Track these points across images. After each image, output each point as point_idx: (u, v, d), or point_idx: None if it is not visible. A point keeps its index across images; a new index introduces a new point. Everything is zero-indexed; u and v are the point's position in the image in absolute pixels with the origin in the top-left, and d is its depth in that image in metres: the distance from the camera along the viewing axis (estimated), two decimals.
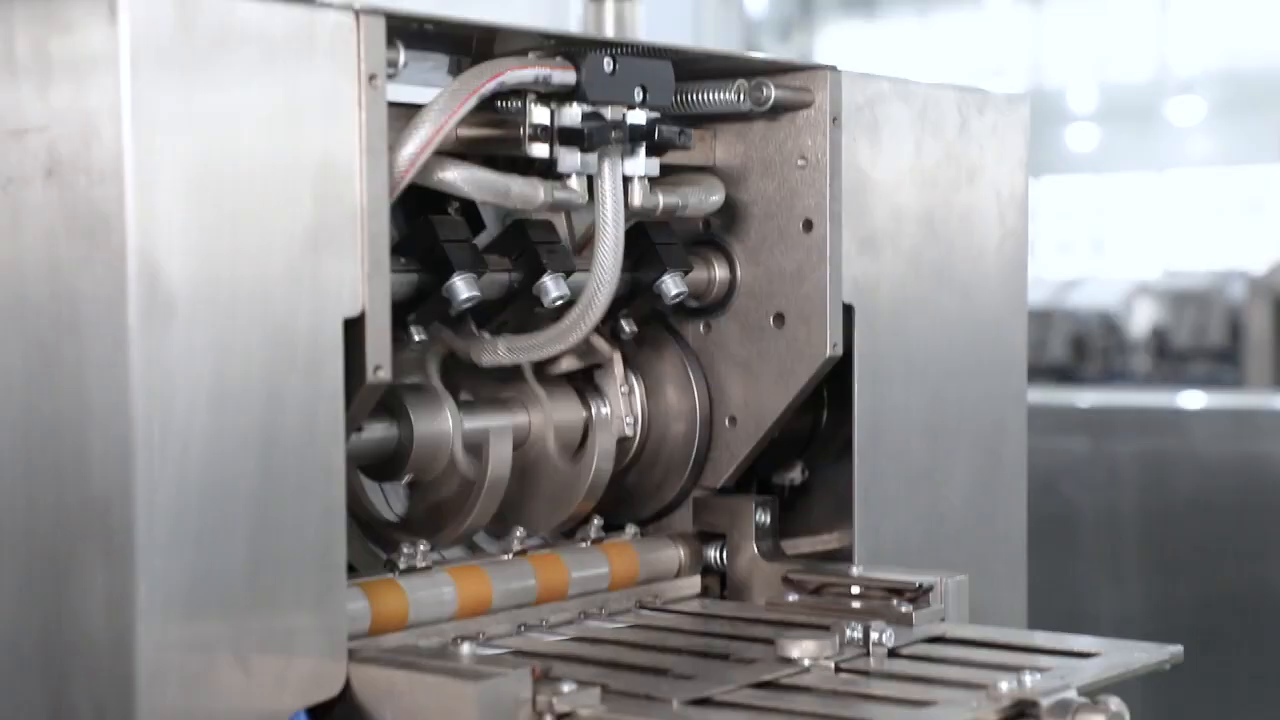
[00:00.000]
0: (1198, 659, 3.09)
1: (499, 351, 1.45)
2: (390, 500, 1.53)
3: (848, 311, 1.56)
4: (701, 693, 1.22)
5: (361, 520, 1.50)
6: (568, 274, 1.43)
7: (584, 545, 1.55)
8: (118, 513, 1.03)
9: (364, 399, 1.18)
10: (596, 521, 1.56)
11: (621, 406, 1.59)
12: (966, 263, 1.70)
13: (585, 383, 1.59)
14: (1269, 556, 3.54)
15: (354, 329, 1.16)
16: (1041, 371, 8.57)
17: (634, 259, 1.50)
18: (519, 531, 1.50)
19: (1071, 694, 1.17)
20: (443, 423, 1.45)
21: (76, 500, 1.05)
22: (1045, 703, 1.15)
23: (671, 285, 1.52)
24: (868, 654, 1.35)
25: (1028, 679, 1.19)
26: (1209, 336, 9.73)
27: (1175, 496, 3.68)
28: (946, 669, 1.32)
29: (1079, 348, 10.10)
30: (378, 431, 1.41)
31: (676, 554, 1.61)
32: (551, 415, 1.54)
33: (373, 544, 1.49)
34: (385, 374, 1.17)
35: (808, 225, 1.55)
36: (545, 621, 1.48)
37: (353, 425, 1.19)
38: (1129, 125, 15.80)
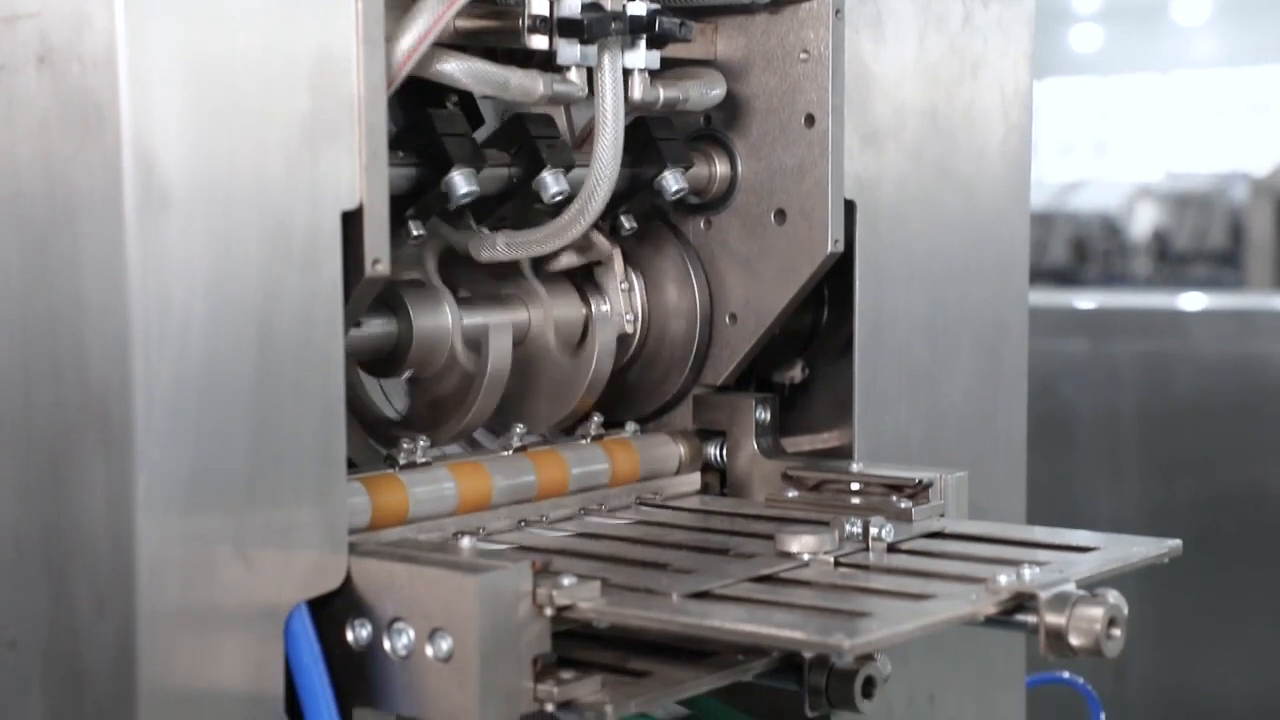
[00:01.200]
0: (1196, 559, 3.11)
1: (498, 247, 1.44)
2: (390, 398, 1.53)
3: (849, 208, 1.55)
4: (701, 586, 1.23)
5: (362, 417, 1.49)
6: (567, 169, 1.42)
7: (584, 442, 1.55)
8: (116, 407, 1.03)
9: (362, 293, 1.17)
10: (596, 419, 1.56)
11: (621, 303, 1.59)
12: (969, 159, 1.69)
13: (585, 280, 1.58)
14: (1268, 457, 3.55)
15: (352, 222, 1.15)
16: (1042, 274, 8.56)
17: (634, 154, 1.48)
18: (519, 428, 1.50)
19: (1070, 587, 1.17)
20: (442, 318, 1.44)
21: (75, 395, 1.05)
22: (1043, 596, 1.16)
23: (672, 181, 1.51)
24: (867, 549, 1.36)
25: (1026, 572, 1.19)
26: (1210, 239, 9.71)
27: (1174, 398, 3.69)
28: (945, 563, 1.32)
29: (1079, 251, 10.08)
30: (377, 327, 1.40)
31: (676, 451, 1.61)
32: (551, 312, 1.54)
33: (373, 440, 1.49)
34: (384, 268, 1.16)
35: (809, 120, 1.53)
36: (545, 517, 1.48)
37: (351, 320, 1.18)
38: (1133, 26, 15.66)
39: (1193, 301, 4.05)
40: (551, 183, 1.40)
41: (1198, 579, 3.44)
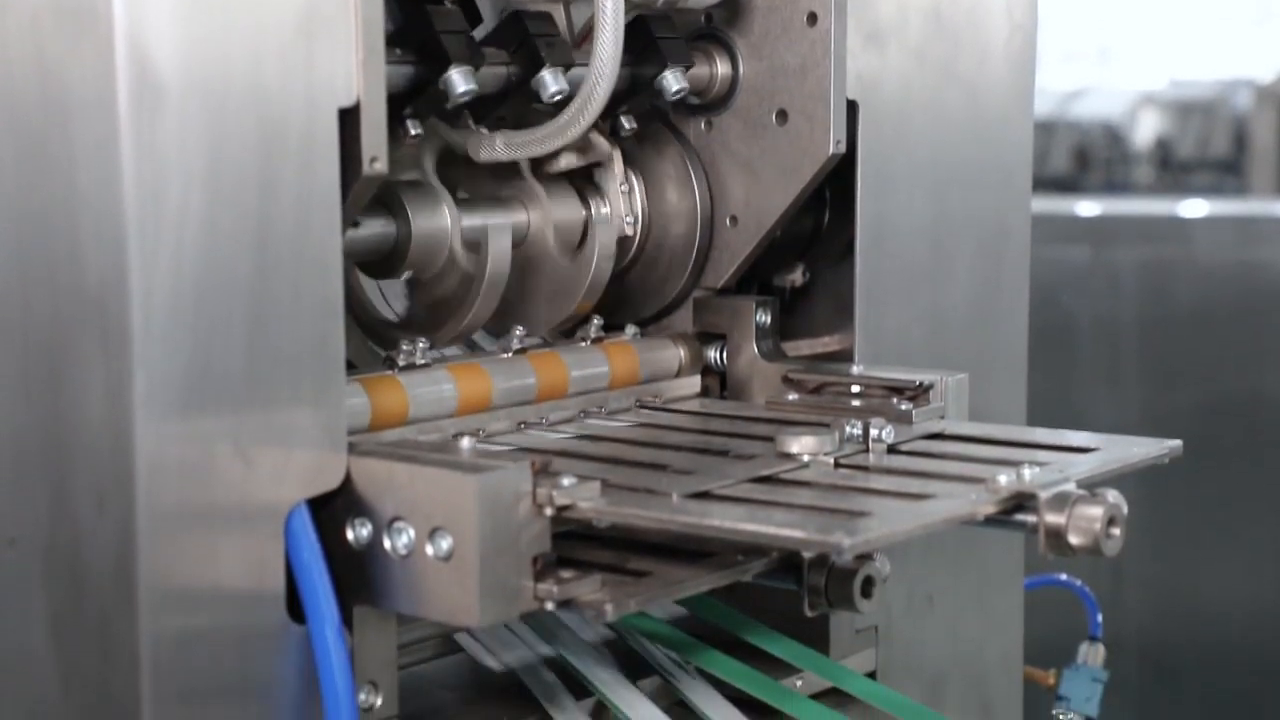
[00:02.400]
0: (1194, 465, 3.12)
1: (497, 147, 1.43)
2: (390, 302, 1.52)
3: (851, 108, 1.54)
4: (701, 487, 1.23)
5: (360, 319, 1.49)
6: (566, 68, 1.40)
7: (584, 345, 1.55)
8: (113, 305, 1.02)
9: (360, 192, 1.16)
10: (596, 321, 1.56)
11: (621, 205, 1.58)
12: (973, 59, 1.67)
13: (585, 181, 1.57)
14: (1268, 363, 3.55)
15: (349, 119, 1.13)
16: (1043, 183, 8.52)
17: (634, 54, 1.47)
18: (518, 330, 1.49)
19: (1070, 487, 1.17)
20: (441, 219, 1.43)
21: (71, 294, 1.04)
22: (1043, 495, 1.16)
23: (672, 81, 1.49)
24: (867, 450, 1.36)
25: (1026, 472, 1.19)
26: (1213, 146, 9.66)
27: (1175, 305, 3.68)
28: (945, 464, 1.32)
29: (1081, 159, 10.03)
30: (375, 228, 1.40)
31: (676, 354, 1.60)
32: (551, 213, 1.53)
33: (372, 342, 1.49)
34: (381, 166, 1.15)
35: (811, 19, 1.51)
36: (545, 419, 1.48)
37: (349, 219, 1.17)
38: None
39: (1194, 208, 4.03)
40: (550, 81, 1.39)
41: (1196, 485, 3.45)
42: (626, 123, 1.53)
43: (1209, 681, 3.48)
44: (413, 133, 1.35)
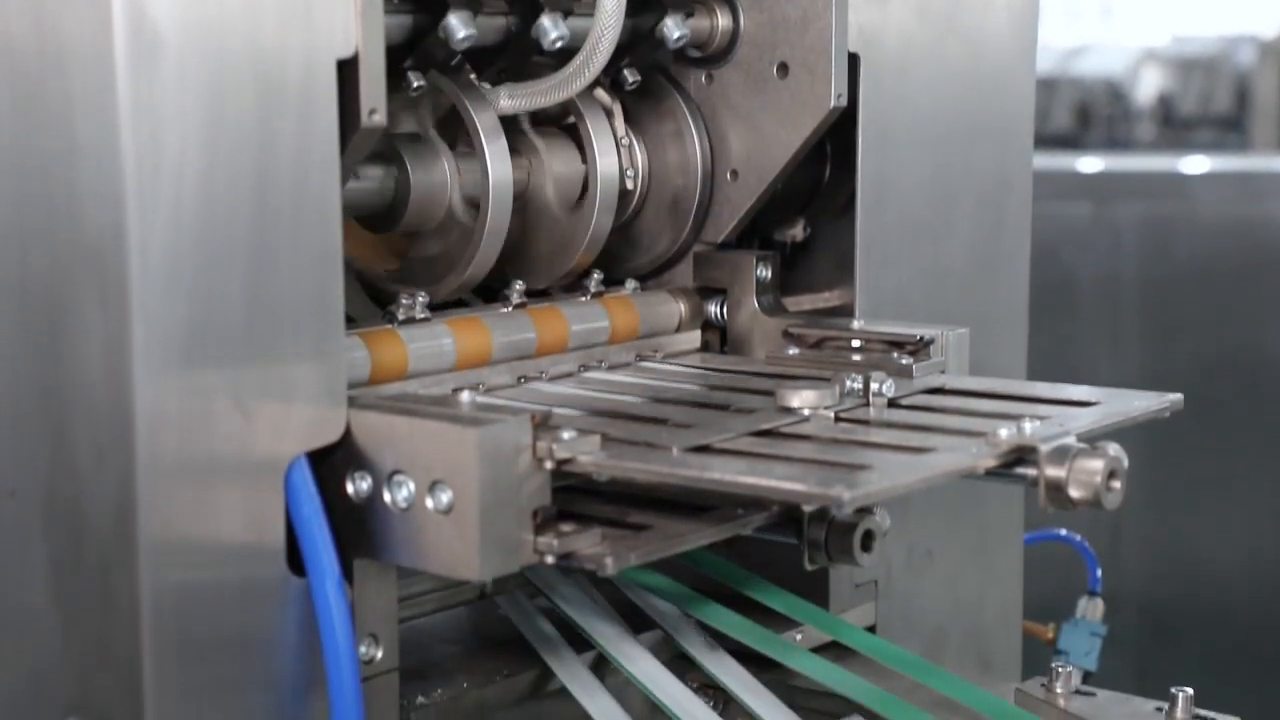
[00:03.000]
0: (1194, 422, 3.12)
1: (501, 100, 1.42)
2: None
3: (853, 61, 1.53)
4: (701, 440, 1.23)
5: (359, 273, 1.49)
6: (566, 14, 1.39)
7: (584, 299, 1.54)
8: (111, 257, 1.02)
9: (359, 144, 1.15)
10: (596, 275, 1.55)
11: (622, 159, 1.57)
12: (975, 13, 1.66)
13: (584, 134, 1.56)
14: (1269, 320, 3.55)
15: (348, 71, 1.13)
16: (1045, 140, 8.49)
17: (633, 5, 1.46)
18: (518, 285, 1.49)
19: (1070, 440, 1.17)
20: (440, 172, 1.43)
21: (69, 245, 1.04)
22: (1044, 449, 1.16)
23: (673, 28, 1.48)
24: (867, 404, 1.35)
25: (1027, 426, 1.19)
26: (1215, 103, 9.63)
27: (1176, 261, 3.68)
28: (946, 418, 1.32)
29: (1083, 116, 10.00)
30: (374, 181, 1.39)
31: (677, 308, 1.60)
32: (550, 167, 1.52)
33: (371, 297, 1.48)
34: (380, 118, 1.15)
35: None
36: (545, 374, 1.48)
37: (348, 171, 1.17)
38: None
39: (1196, 165, 4.02)
40: (550, 27, 1.38)
41: (1195, 442, 3.46)
42: (629, 75, 1.52)
43: (1207, 637, 3.49)
44: (415, 84, 1.34)
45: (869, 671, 1.43)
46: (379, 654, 1.18)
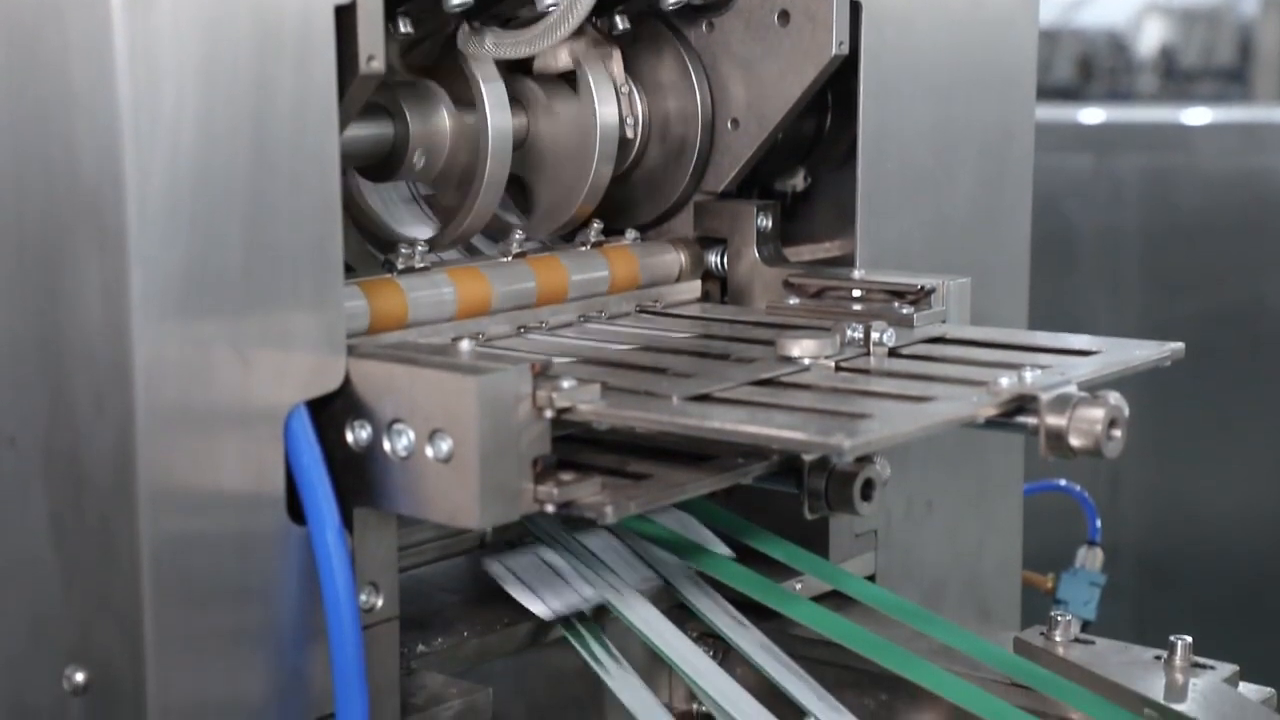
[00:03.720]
0: (1194, 374, 3.11)
1: (485, 45, 1.41)
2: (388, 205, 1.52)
3: (854, 9, 1.52)
4: (701, 389, 1.22)
5: (358, 222, 1.48)
6: None
7: (584, 249, 1.54)
8: (109, 203, 1.01)
9: (357, 91, 1.15)
10: (596, 225, 1.55)
11: (622, 107, 1.56)
12: None
13: (584, 83, 1.55)
14: (1270, 272, 3.54)
15: (345, 18, 1.12)
16: (1047, 91, 8.45)
17: None
18: (518, 234, 1.49)
19: (1071, 389, 1.16)
20: (439, 121, 1.42)
21: (67, 191, 1.03)
22: (1045, 397, 1.15)
23: None
24: (868, 353, 1.35)
25: (1028, 375, 1.19)
26: (1217, 54, 9.58)
27: (1178, 213, 3.66)
28: (947, 367, 1.31)
29: (1085, 68, 9.95)
30: (373, 129, 1.38)
31: (677, 258, 1.60)
32: (550, 115, 1.51)
33: (370, 246, 1.48)
34: (378, 64, 1.14)
35: None
36: (545, 324, 1.48)
37: (346, 120, 1.16)
38: None
39: (1198, 116, 4.00)
40: None
41: (1195, 393, 3.46)
42: (620, 22, 1.51)
43: (1206, 587, 3.50)
44: (402, 30, 1.33)
45: (869, 620, 1.44)
46: (379, 602, 1.18)
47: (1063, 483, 2.19)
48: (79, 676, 1.08)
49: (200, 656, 1.08)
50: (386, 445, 1.13)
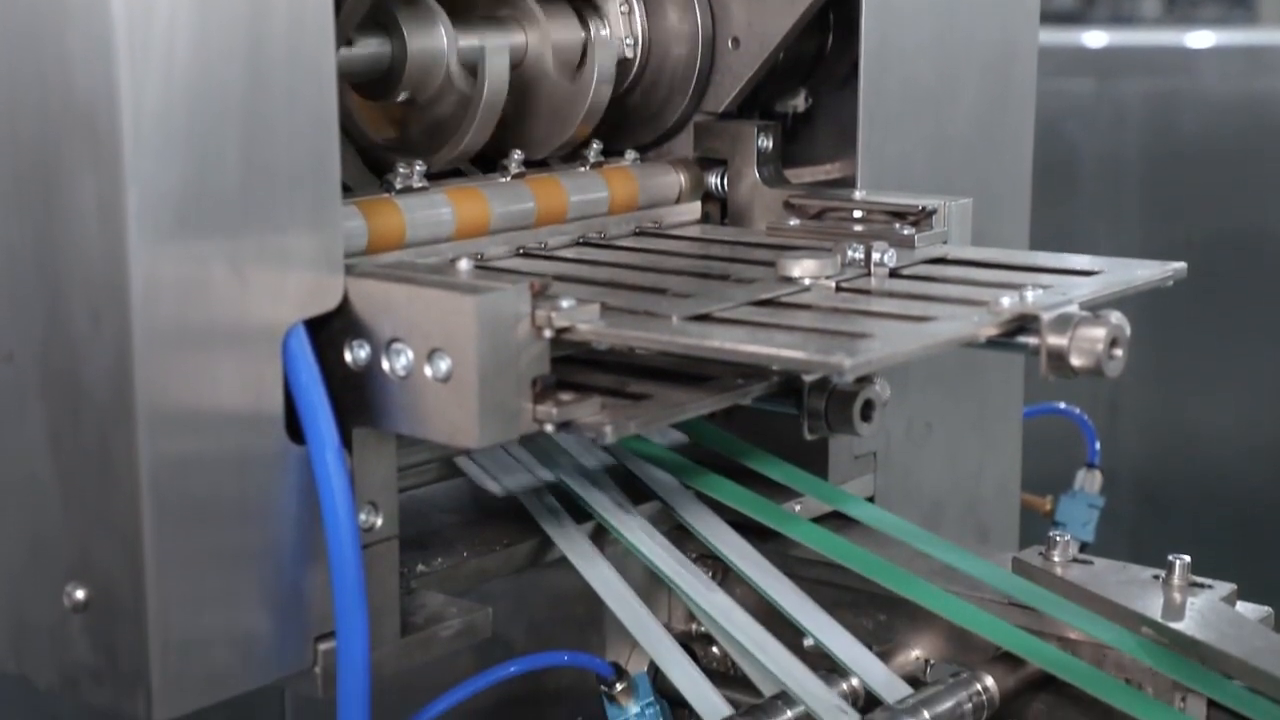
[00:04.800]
0: (1195, 301, 3.10)
1: None
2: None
3: None
4: (701, 309, 1.22)
5: (356, 142, 1.47)
6: None
7: (583, 170, 1.53)
8: (103, 117, 1.00)
9: (353, 7, 1.13)
10: (595, 146, 1.54)
11: (621, 26, 1.55)
12: None
13: (584, 2, 1.54)
14: (1273, 197, 3.53)
15: None
16: (1050, 15, 8.37)
17: None
18: (516, 154, 1.48)
19: (1073, 309, 1.16)
20: (437, 39, 1.41)
21: (61, 106, 1.02)
22: (1046, 317, 1.15)
23: None
24: (868, 274, 1.35)
25: (1029, 294, 1.18)
26: None
27: (1181, 138, 3.64)
28: (948, 287, 1.31)
29: None
30: (370, 47, 1.37)
31: (677, 179, 1.59)
32: (549, 34, 1.50)
33: (368, 165, 1.47)
34: None
35: None
36: (544, 244, 1.47)
37: (343, 36, 1.15)
38: None
39: (1201, 39, 3.97)
40: None
41: (1195, 320, 3.45)
42: None
43: (1203, 513, 3.51)
44: None
45: (868, 541, 1.44)
46: (379, 522, 1.18)
47: (1062, 406, 2.19)
48: (79, 594, 1.08)
49: (200, 574, 1.08)
50: (385, 365, 1.12)
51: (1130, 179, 3.70)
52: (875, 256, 1.35)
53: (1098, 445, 2.11)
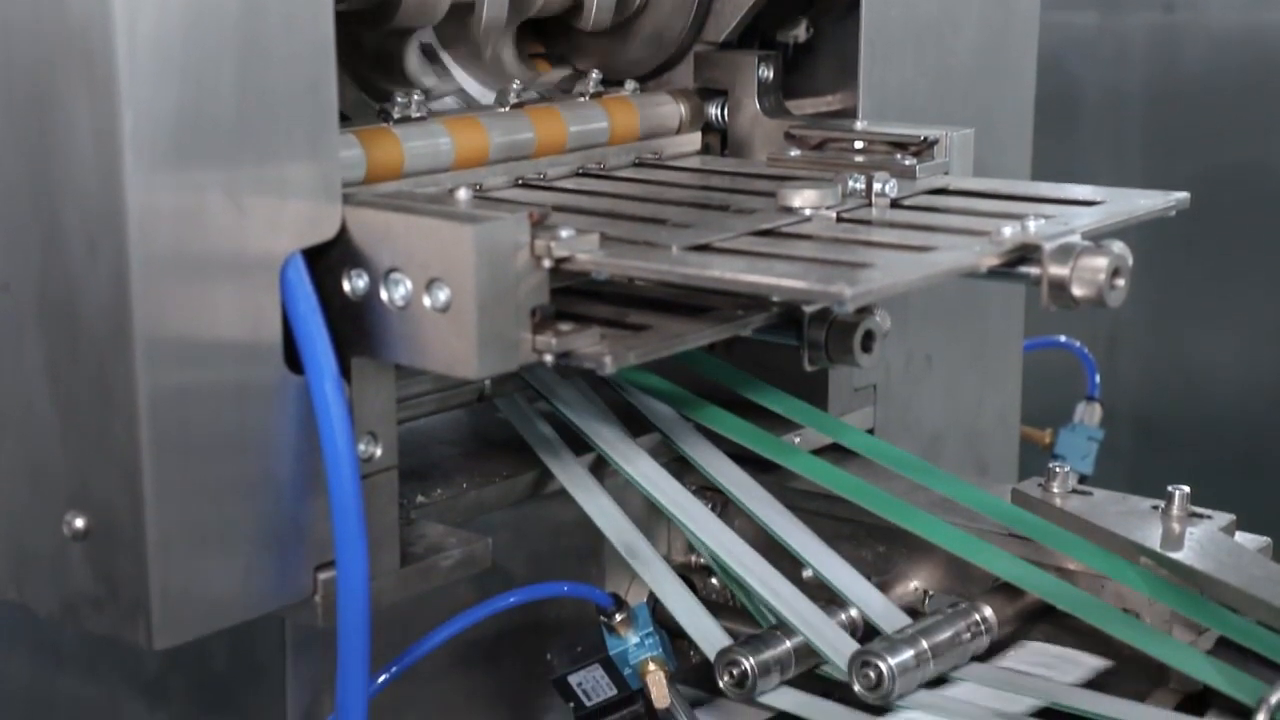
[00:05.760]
0: (1196, 236, 3.09)
1: None
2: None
3: None
4: (701, 240, 1.21)
5: (353, 71, 1.46)
6: None
7: (582, 100, 1.52)
8: (98, 42, 0.99)
9: None
10: (595, 76, 1.53)
11: None
12: None
13: None
14: (1276, 133, 3.51)
15: None
16: None
17: None
18: (516, 84, 1.46)
19: (1075, 238, 1.15)
20: None
21: (55, 30, 1.01)
22: (1048, 247, 1.14)
23: None
24: (870, 204, 1.34)
25: (1031, 224, 1.17)
26: None
27: (1184, 72, 3.62)
28: (949, 218, 1.30)
29: None
30: None
31: (677, 110, 1.58)
32: None
33: (365, 95, 1.46)
34: None
35: None
36: (543, 175, 1.46)
37: None
38: None
39: None
40: None
41: (1196, 255, 3.44)
42: None
43: (1201, 447, 3.51)
44: None
45: (867, 473, 1.44)
46: (378, 452, 1.18)
47: (1062, 339, 2.19)
48: (79, 522, 1.08)
49: (200, 504, 1.08)
50: (384, 294, 1.12)
51: (1132, 113, 3.68)
52: (876, 187, 1.34)
53: (1098, 378, 2.11)
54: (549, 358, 1.12)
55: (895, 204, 1.34)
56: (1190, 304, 3.52)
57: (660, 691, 1.34)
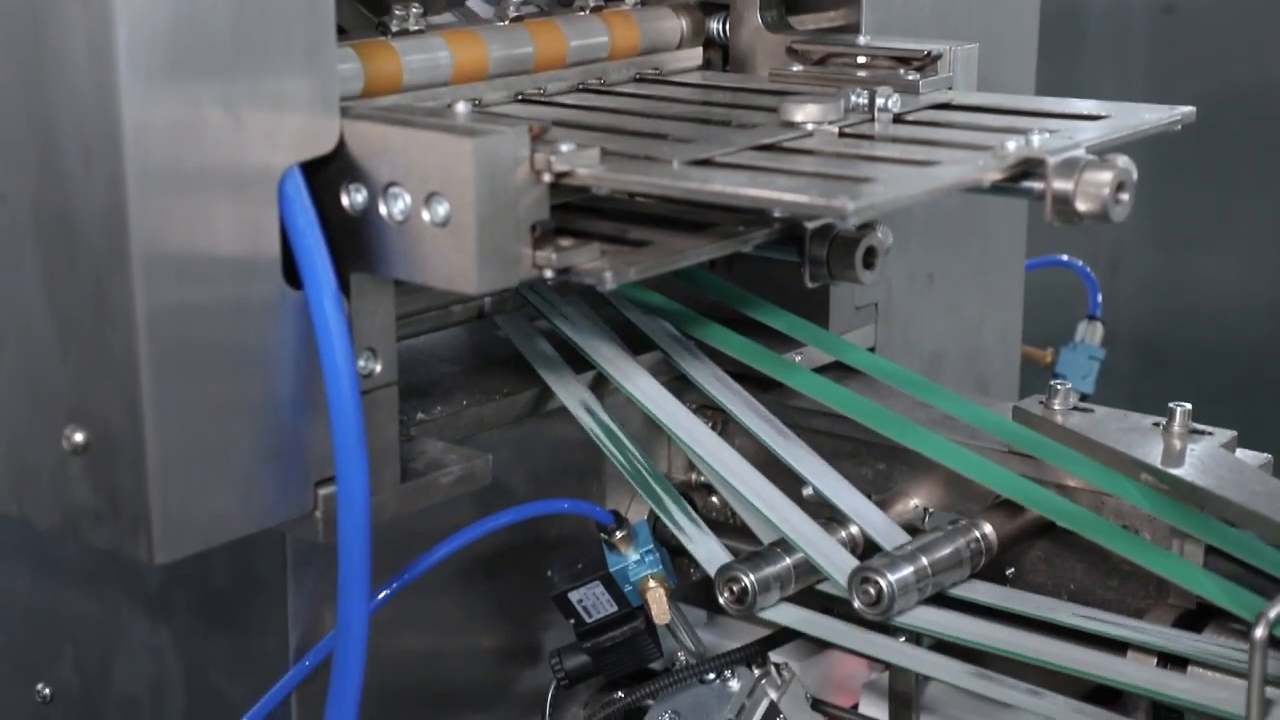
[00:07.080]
0: (1199, 157, 3.07)
1: None
2: None
3: None
4: (702, 154, 1.20)
5: None
6: None
7: (583, 14, 1.50)
8: None
9: None
10: None
11: None
12: None
13: None
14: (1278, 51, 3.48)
15: None
16: None
17: None
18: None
19: (1079, 153, 1.14)
20: None
21: None
22: (1052, 161, 1.13)
23: None
24: (872, 119, 1.33)
25: (1034, 139, 1.16)
26: None
27: None
28: (952, 132, 1.29)
29: None
30: None
31: (678, 24, 1.56)
32: None
33: (363, 8, 1.44)
34: None
35: None
36: (543, 90, 1.45)
37: None
38: None
39: None
40: None
41: (1197, 176, 3.42)
42: None
43: (1203, 370, 3.51)
44: None
45: (868, 391, 1.44)
46: (377, 368, 1.17)
47: (1065, 258, 2.18)
48: (78, 436, 1.08)
49: (199, 419, 1.07)
50: (383, 209, 1.11)
51: (1136, 32, 3.65)
52: (879, 102, 1.33)
53: (1100, 297, 2.11)
54: (549, 273, 1.11)
55: (898, 119, 1.33)
56: (1191, 225, 3.51)
57: (660, 608, 1.35)
